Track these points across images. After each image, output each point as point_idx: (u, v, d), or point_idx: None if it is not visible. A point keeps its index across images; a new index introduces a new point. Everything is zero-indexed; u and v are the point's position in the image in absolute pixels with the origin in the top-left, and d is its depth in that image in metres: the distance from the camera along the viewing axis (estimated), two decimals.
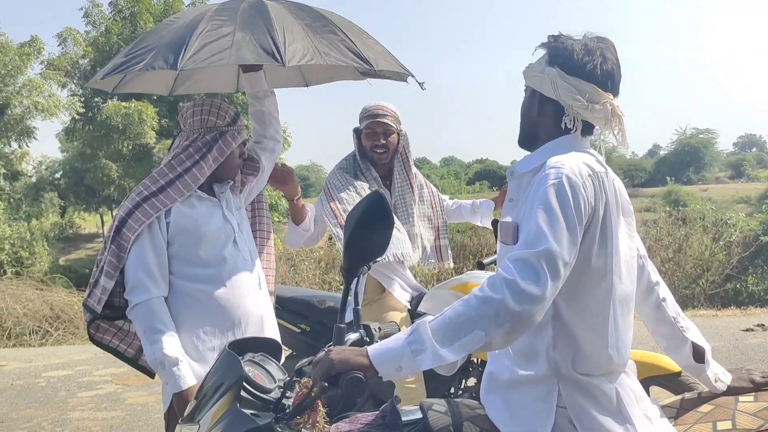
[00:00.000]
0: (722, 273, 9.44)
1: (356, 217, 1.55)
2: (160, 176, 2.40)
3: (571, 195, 1.50)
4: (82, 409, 5.16)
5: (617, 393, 1.62)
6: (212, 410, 1.59)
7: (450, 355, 1.39)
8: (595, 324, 1.60)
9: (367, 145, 3.32)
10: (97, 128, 19.38)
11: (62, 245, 27.73)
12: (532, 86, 1.71)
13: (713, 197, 21.33)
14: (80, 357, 7.15)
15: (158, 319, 2.30)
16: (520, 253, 1.46)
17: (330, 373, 1.39)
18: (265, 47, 2.29)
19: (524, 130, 1.78)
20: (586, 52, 1.63)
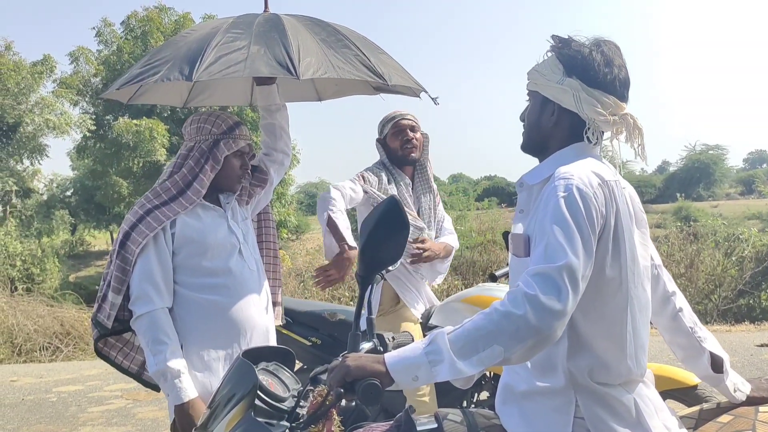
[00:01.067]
0: (735, 288, 9.36)
1: (372, 222, 1.55)
2: (163, 191, 2.41)
3: (582, 206, 1.48)
4: (93, 424, 5.15)
5: (636, 403, 1.59)
6: (226, 419, 1.59)
7: (467, 368, 1.37)
8: (612, 334, 1.58)
9: (395, 145, 3.29)
10: (108, 146, 19.55)
11: (72, 262, 27.84)
12: (547, 95, 1.65)
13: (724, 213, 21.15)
14: (91, 372, 7.15)
15: (162, 331, 2.30)
16: (540, 267, 1.44)
17: (346, 379, 1.39)
18: (279, 60, 2.31)
19: (532, 139, 1.73)
20: (605, 63, 1.59)
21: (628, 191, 1.65)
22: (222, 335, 2.41)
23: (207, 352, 2.39)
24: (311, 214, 42.96)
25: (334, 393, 1.39)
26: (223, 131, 2.46)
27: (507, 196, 32.85)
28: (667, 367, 3.00)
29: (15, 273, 14.52)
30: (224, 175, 2.48)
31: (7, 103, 16.47)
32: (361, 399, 1.35)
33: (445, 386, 3.17)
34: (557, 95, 1.62)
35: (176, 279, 2.39)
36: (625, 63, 1.64)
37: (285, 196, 23.29)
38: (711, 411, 1.80)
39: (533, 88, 1.69)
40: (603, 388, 1.57)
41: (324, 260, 9.74)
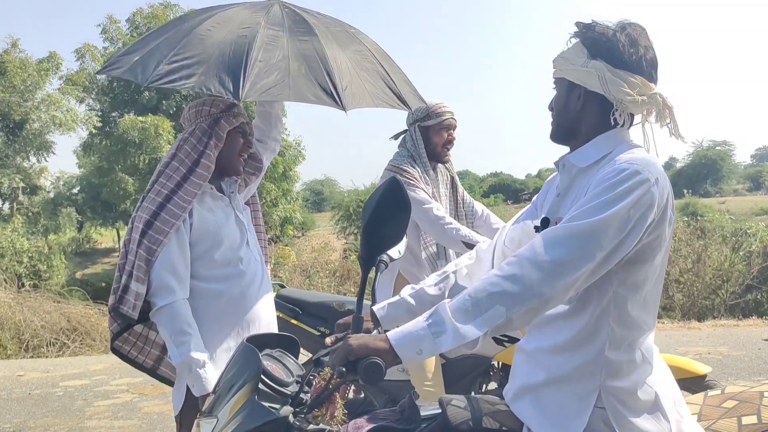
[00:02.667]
0: (742, 283, 9.30)
1: (373, 204, 1.53)
2: (173, 172, 2.37)
3: (643, 189, 1.42)
4: (99, 417, 5.15)
5: (657, 397, 1.57)
6: (230, 403, 1.58)
7: (471, 331, 1.36)
8: (648, 318, 1.57)
9: (438, 141, 3.32)
10: (114, 143, 19.63)
11: (79, 260, 27.95)
12: (572, 80, 1.62)
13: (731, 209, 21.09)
14: (97, 367, 7.17)
15: (184, 322, 2.28)
16: (551, 229, 1.42)
17: (349, 358, 1.37)
18: (323, 86, 2.34)
19: (562, 126, 1.69)
20: (630, 43, 1.57)
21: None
22: (232, 325, 2.40)
23: (217, 343, 2.38)
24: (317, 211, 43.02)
25: (336, 373, 1.37)
26: (222, 109, 2.44)
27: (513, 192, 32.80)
28: (677, 358, 3.00)
29: (22, 269, 14.58)
30: (228, 152, 2.45)
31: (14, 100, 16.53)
32: (363, 378, 1.34)
33: (452, 375, 3.16)
34: (583, 78, 1.60)
35: (192, 270, 2.37)
36: (652, 44, 1.61)
37: (290, 193, 23.33)
38: (715, 397, 1.79)
39: (559, 75, 1.67)
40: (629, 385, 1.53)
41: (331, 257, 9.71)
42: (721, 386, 1.85)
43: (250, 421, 1.52)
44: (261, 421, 1.52)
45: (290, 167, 22.81)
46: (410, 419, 1.64)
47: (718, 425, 1.67)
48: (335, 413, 1.52)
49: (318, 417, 1.55)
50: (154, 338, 2.46)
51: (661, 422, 1.55)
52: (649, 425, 1.53)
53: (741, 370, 5.19)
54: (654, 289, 1.57)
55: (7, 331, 9.40)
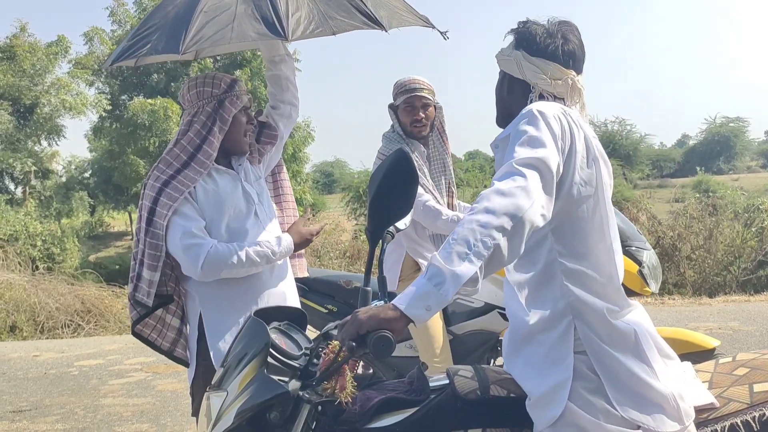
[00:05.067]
0: (754, 259, 9.24)
1: (380, 176, 1.53)
2: (173, 159, 2.37)
3: (542, 120, 1.59)
4: (114, 396, 5.23)
5: (636, 334, 1.63)
6: (239, 377, 1.59)
7: (467, 269, 1.39)
8: (598, 251, 1.66)
9: (405, 121, 3.27)
10: (124, 126, 19.69)
11: (92, 243, 28.17)
12: (502, 68, 1.84)
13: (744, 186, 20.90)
14: (111, 347, 7.26)
15: (231, 252, 2.30)
16: (498, 173, 1.53)
17: (359, 331, 1.38)
18: (266, 19, 2.22)
19: (499, 110, 1.89)
20: (547, 35, 1.76)
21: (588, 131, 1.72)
22: (239, 300, 2.40)
23: (225, 318, 2.39)
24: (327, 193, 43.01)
25: (346, 347, 1.38)
26: (224, 90, 2.40)
27: None
28: (685, 331, 2.99)
29: (36, 253, 14.72)
30: (233, 133, 2.43)
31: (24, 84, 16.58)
32: (373, 351, 1.35)
33: (460, 351, 3.18)
34: (507, 66, 1.82)
35: None
36: (579, 41, 1.80)
37: (300, 174, 23.35)
38: (726, 365, 1.80)
39: (499, 67, 1.87)
40: (601, 315, 1.61)
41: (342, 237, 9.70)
42: (732, 354, 1.85)
43: (259, 394, 1.54)
44: (270, 394, 1.53)
45: (300, 148, 22.80)
46: (419, 390, 1.65)
47: (730, 392, 1.67)
48: (345, 386, 1.54)
49: (327, 389, 1.56)
50: (170, 321, 2.48)
51: (643, 363, 1.60)
52: (630, 363, 1.59)
53: (751, 344, 5.17)
54: (591, 220, 1.66)
55: (23, 313, 9.53)
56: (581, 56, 1.80)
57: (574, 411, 1.57)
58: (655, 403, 1.58)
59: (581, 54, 1.80)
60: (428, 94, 3.24)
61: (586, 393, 1.58)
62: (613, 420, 1.56)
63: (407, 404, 1.62)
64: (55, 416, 4.77)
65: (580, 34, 1.82)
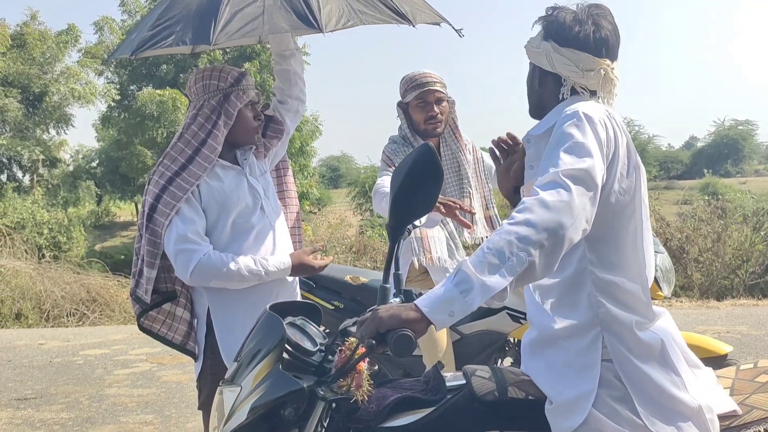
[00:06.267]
0: (763, 263, 9.17)
1: (404, 171, 1.49)
2: (177, 153, 2.34)
3: (589, 126, 1.53)
4: (119, 386, 5.24)
5: (663, 344, 1.59)
6: (254, 372, 1.57)
7: (497, 282, 1.35)
8: (629, 262, 1.61)
9: (419, 119, 3.07)
10: (133, 116, 19.70)
11: (98, 232, 28.22)
12: (532, 61, 1.77)
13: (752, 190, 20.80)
14: (116, 337, 7.26)
15: (223, 262, 2.27)
16: (542, 179, 1.48)
17: (379, 330, 1.35)
18: (298, 11, 2.20)
19: (532, 103, 1.83)
20: (576, 22, 1.67)
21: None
22: (249, 294, 2.38)
23: (233, 312, 2.37)
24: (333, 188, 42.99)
25: (365, 345, 1.35)
26: (231, 83, 2.36)
27: None
28: (698, 336, 2.96)
29: (42, 241, 14.73)
30: (239, 129, 2.40)
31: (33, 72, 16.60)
32: (393, 350, 1.32)
33: (468, 351, 3.13)
34: (537, 59, 1.74)
35: None
36: (613, 25, 1.70)
37: (307, 168, 23.34)
38: (748, 371, 1.77)
39: (528, 58, 1.79)
40: (629, 325, 1.57)
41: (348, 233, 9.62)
42: (753, 361, 1.83)
43: (274, 390, 1.52)
44: (285, 390, 1.51)
45: (307, 142, 22.77)
46: (435, 389, 1.63)
47: (752, 400, 1.64)
48: (361, 384, 1.52)
49: (343, 387, 1.54)
50: (181, 314, 2.44)
51: (671, 374, 1.57)
52: (657, 374, 1.55)
53: (761, 349, 5.14)
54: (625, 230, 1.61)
55: (28, 300, 9.55)
56: (615, 42, 1.69)
57: (598, 418, 1.53)
58: (683, 416, 1.54)
59: (615, 40, 1.69)
60: (441, 88, 3.08)
61: (612, 401, 1.54)
62: (638, 430, 1.52)
63: (423, 404, 1.60)
64: (60, 405, 4.77)
65: (614, 17, 1.71)
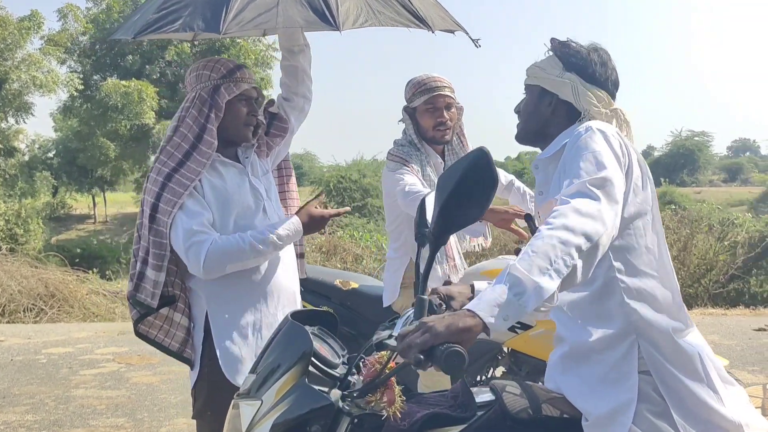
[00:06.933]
0: (726, 273, 9.37)
1: (456, 178, 1.40)
2: (174, 149, 2.24)
3: (604, 138, 1.57)
4: (86, 386, 5.04)
5: (700, 357, 1.56)
6: (276, 385, 1.48)
7: (549, 283, 1.31)
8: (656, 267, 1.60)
9: (427, 124, 2.95)
10: (96, 106, 19.18)
11: (53, 225, 27.48)
12: (547, 88, 1.77)
13: (707, 199, 21.37)
14: (80, 335, 7.02)
15: (233, 244, 2.17)
16: (568, 189, 1.48)
17: (434, 343, 1.25)
18: (314, 6, 2.12)
19: (531, 128, 1.84)
20: (601, 63, 1.75)
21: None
22: (249, 299, 2.29)
23: (234, 318, 2.26)
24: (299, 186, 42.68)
25: (413, 360, 1.25)
26: (223, 75, 2.27)
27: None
28: None
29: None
30: (230, 122, 2.29)
31: None
32: (444, 366, 1.22)
33: None
34: (557, 87, 1.76)
35: None
36: (615, 67, 1.80)
37: None
38: None
39: (533, 82, 1.81)
40: (666, 329, 1.55)
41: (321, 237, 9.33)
42: None
43: (300, 405, 1.43)
44: (313, 405, 1.43)
45: None
46: (464, 406, 1.56)
47: None
48: (394, 399, 1.44)
49: (371, 402, 1.46)
50: (179, 320, 2.33)
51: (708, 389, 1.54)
52: (696, 387, 1.53)
53: (734, 359, 5.21)
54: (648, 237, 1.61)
55: None
56: (618, 86, 1.81)
57: None
58: (723, 430, 1.51)
59: (619, 84, 1.81)
60: (450, 93, 2.97)
61: (651, 416, 1.50)
62: None
63: (453, 421, 1.53)
64: (24, 406, 4.56)
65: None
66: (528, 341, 2.98)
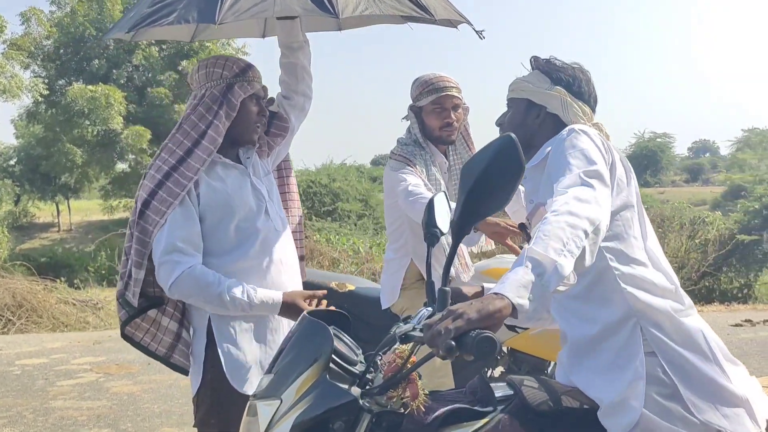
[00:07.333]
0: (698, 270, 9.58)
1: (484, 163, 1.38)
2: (176, 146, 2.17)
3: (588, 137, 1.65)
4: (64, 398, 4.91)
5: (704, 335, 1.60)
6: (297, 383, 1.45)
7: (566, 262, 1.33)
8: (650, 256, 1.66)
9: (433, 124, 2.91)
10: (61, 112, 18.77)
11: (17, 234, 26.79)
12: (535, 100, 1.86)
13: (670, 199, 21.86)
14: (54, 345, 6.85)
15: (206, 282, 2.09)
16: (563, 181, 1.53)
17: (468, 328, 1.23)
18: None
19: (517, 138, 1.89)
20: (586, 80, 1.87)
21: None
22: None
23: (235, 323, 2.20)
24: None
25: (444, 348, 1.21)
26: (236, 74, 2.22)
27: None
28: None
29: None
30: (241, 122, 2.24)
31: None
32: (477, 353, 1.20)
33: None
34: (545, 99, 1.84)
35: (203, 247, 2.18)
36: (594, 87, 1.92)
37: None
38: None
39: (520, 95, 1.89)
40: (665, 309, 1.59)
41: None
42: None
43: (323, 402, 1.41)
44: (336, 402, 1.40)
45: None
46: (484, 400, 1.55)
47: None
48: (417, 393, 1.42)
49: (393, 398, 1.44)
50: (167, 324, 2.27)
51: (714, 366, 1.56)
52: (701, 363, 1.56)
53: None
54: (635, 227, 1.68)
55: None
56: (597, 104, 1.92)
57: (650, 419, 1.51)
58: (732, 405, 1.54)
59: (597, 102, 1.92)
60: (458, 93, 2.92)
61: (662, 399, 1.53)
62: (692, 427, 1.51)
63: (475, 415, 1.52)
64: (1, 420, 4.43)
65: None
66: (528, 340, 2.98)
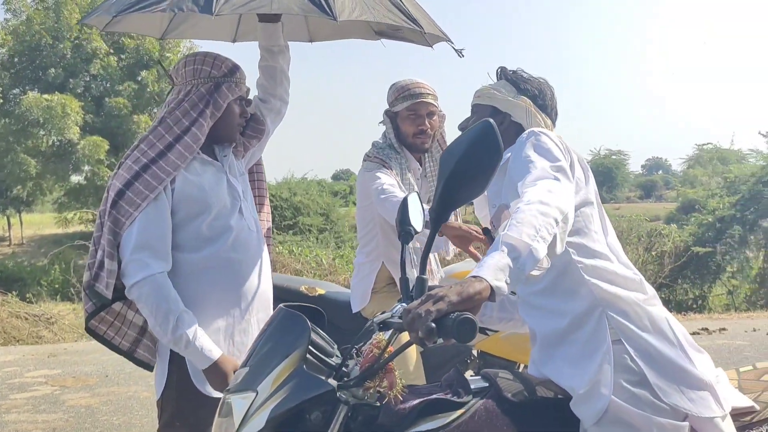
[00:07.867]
0: (655, 282, 9.79)
1: (462, 149, 1.38)
2: (156, 139, 2.14)
3: (548, 138, 1.70)
4: (18, 411, 4.74)
5: (668, 321, 1.65)
6: (273, 374, 1.43)
7: (540, 247, 1.37)
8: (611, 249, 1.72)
9: (407, 130, 2.90)
10: (15, 121, 18.27)
11: None
12: (500, 108, 1.92)
13: (625, 215, 22.35)
14: (6, 358, 6.62)
15: (165, 296, 2.05)
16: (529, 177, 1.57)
17: (449, 310, 1.23)
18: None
19: None
20: (551, 95, 1.95)
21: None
22: (223, 301, 2.20)
23: (207, 322, 2.16)
24: None
25: (424, 330, 1.21)
26: (224, 74, 2.21)
27: None
28: None
29: None
30: (224, 122, 2.23)
31: None
32: (457, 335, 1.20)
33: (432, 363, 3.05)
34: (511, 108, 1.92)
35: (173, 241, 2.15)
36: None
37: None
38: (750, 372, 1.84)
39: (485, 102, 1.95)
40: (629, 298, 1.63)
41: None
42: (750, 364, 1.90)
43: (300, 392, 1.39)
44: (313, 392, 1.39)
45: None
46: (460, 393, 1.55)
47: (765, 397, 1.70)
48: (395, 383, 1.42)
49: (370, 389, 1.43)
50: (132, 318, 2.22)
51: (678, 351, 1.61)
52: (667, 349, 1.60)
53: None
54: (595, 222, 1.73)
55: None
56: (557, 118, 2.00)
57: (619, 406, 1.54)
58: (698, 389, 1.58)
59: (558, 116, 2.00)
60: (433, 101, 2.91)
61: (630, 386, 1.56)
62: (661, 412, 1.54)
63: (451, 406, 1.52)
64: None
65: None
66: (498, 343, 3.00)
